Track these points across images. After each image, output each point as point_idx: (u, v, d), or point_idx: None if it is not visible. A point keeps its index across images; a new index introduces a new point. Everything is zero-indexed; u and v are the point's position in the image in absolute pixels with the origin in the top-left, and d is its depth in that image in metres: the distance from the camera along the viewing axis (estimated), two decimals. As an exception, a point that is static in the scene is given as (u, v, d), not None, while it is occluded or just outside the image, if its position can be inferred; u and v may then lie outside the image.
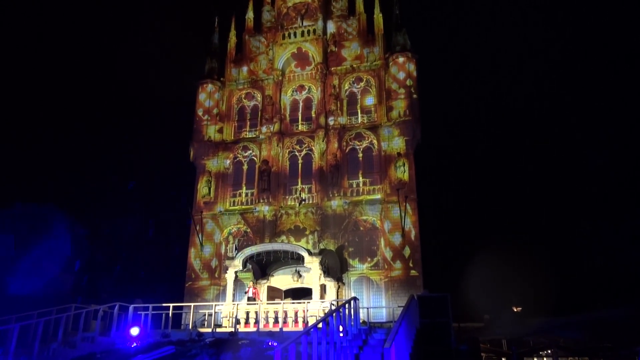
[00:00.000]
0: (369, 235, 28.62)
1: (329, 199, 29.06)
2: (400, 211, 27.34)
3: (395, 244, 27.52)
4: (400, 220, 27.36)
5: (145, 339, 18.19)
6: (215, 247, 30.16)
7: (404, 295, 24.95)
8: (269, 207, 29.68)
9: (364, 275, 27.64)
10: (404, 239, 27.44)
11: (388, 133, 29.90)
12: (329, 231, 28.43)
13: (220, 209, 30.69)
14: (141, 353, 15.51)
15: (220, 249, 30.17)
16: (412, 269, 26.86)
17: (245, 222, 30.18)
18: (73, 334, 18.45)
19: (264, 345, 15.92)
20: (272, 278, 27.61)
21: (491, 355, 45.17)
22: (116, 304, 20.00)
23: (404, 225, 27.35)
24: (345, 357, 12.22)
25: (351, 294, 26.30)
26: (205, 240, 30.17)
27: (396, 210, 27.76)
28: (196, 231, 30.13)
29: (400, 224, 27.41)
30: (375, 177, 29.62)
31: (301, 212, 29.28)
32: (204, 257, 29.93)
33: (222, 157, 32.13)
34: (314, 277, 24.44)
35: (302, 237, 28.59)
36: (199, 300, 27.49)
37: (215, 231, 30.45)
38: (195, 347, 16.19)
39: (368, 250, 28.30)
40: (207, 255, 29.98)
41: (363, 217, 28.76)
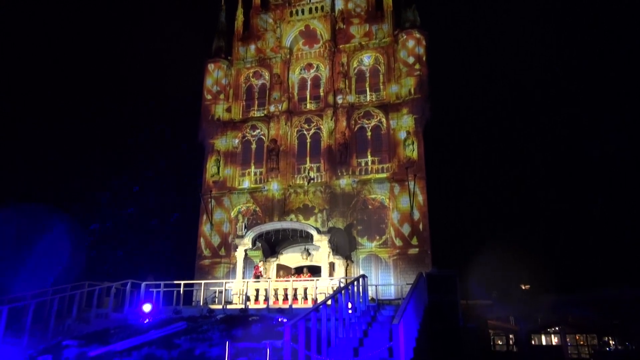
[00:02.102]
0: (378, 214, 28.64)
1: (338, 177, 29.02)
2: (409, 189, 27.27)
3: (403, 222, 27.51)
4: (409, 198, 27.31)
5: (157, 315, 18.49)
6: (225, 225, 30.37)
7: (412, 273, 25.04)
8: (278, 186, 29.74)
9: (373, 253, 27.77)
10: (413, 217, 27.43)
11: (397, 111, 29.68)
12: (337, 210, 28.48)
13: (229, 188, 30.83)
14: (154, 328, 15.78)
15: (230, 228, 30.37)
16: (420, 246, 26.90)
17: (255, 201, 30.30)
18: (87, 311, 18.81)
19: (273, 321, 16.12)
20: (281, 256, 27.82)
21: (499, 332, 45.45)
22: (128, 281, 20.29)
23: (412, 204, 27.30)
24: (354, 333, 12.34)
25: (360, 271, 26.45)
26: (214, 219, 30.37)
27: (405, 188, 27.67)
28: (206, 210, 30.33)
29: (409, 202, 27.36)
30: (384, 155, 29.49)
31: (310, 191, 29.31)
32: (214, 236, 30.18)
33: (231, 137, 32.11)
34: (323, 255, 24.58)
35: (311, 215, 28.67)
36: (210, 278, 27.81)
37: (225, 210, 30.63)
38: (206, 323, 16.42)
39: (377, 228, 28.35)
40: (217, 233, 30.21)
41: (372, 196, 28.74)
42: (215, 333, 15.01)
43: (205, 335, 15.07)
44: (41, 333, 16.11)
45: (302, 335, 9.82)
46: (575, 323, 44.76)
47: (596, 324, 43.24)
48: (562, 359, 42.04)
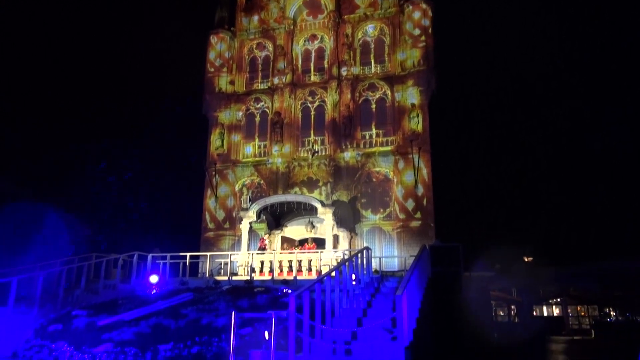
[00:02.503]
0: (382, 187, 28.67)
1: (342, 150, 28.95)
2: (413, 162, 27.21)
3: (407, 195, 27.54)
4: (414, 171, 27.27)
5: (164, 286, 18.78)
6: (230, 198, 30.53)
7: (416, 245, 25.22)
8: (282, 159, 29.72)
9: (377, 226, 27.92)
10: (417, 190, 27.44)
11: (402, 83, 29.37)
12: (341, 183, 28.51)
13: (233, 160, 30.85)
14: (161, 299, 16.04)
15: (234, 201, 30.54)
16: (424, 219, 26.99)
17: (259, 173, 30.36)
18: (95, 282, 19.13)
19: (278, 292, 16.35)
20: (285, 229, 28.03)
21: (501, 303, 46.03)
22: (135, 253, 20.55)
23: (417, 177, 27.28)
24: (357, 304, 12.52)
25: (364, 244, 26.65)
26: (219, 191, 30.50)
27: (409, 161, 27.61)
28: (210, 183, 30.43)
29: (414, 176, 27.34)
30: (389, 128, 29.32)
31: (314, 164, 29.30)
32: (219, 209, 30.36)
33: (234, 109, 31.95)
34: (327, 227, 24.75)
35: (315, 188, 28.74)
36: (215, 250, 28.10)
37: (230, 183, 30.73)
38: (212, 294, 16.68)
39: (381, 201, 28.43)
40: (222, 206, 30.39)
41: (376, 169, 28.72)
42: (221, 304, 15.26)
43: (211, 305, 15.33)
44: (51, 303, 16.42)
45: (307, 306, 9.97)
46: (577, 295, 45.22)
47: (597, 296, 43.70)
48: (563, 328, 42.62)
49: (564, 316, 45.88)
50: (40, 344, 12.83)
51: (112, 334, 13.02)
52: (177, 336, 12.55)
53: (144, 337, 12.79)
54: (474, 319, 14.78)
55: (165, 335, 12.73)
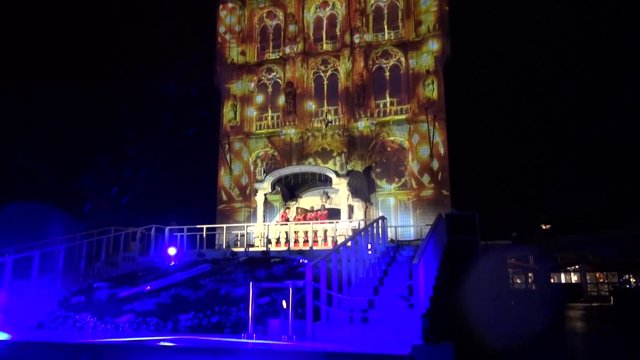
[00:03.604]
0: (397, 156, 28.54)
1: (356, 120, 28.75)
2: (428, 131, 26.97)
3: (423, 164, 27.42)
4: (429, 140, 27.06)
5: (182, 258, 19.13)
6: (244, 170, 30.70)
7: (432, 214, 25.22)
8: (295, 129, 29.65)
9: (392, 196, 27.93)
10: (432, 159, 27.29)
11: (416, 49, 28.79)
12: (356, 152, 28.43)
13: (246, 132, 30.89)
14: (179, 271, 16.36)
15: (249, 172, 30.70)
16: (440, 188, 26.93)
17: (272, 145, 30.38)
18: (114, 255, 19.56)
19: (295, 262, 16.55)
20: (300, 200, 28.19)
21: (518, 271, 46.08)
22: (152, 226, 20.87)
23: (432, 145, 27.08)
24: (374, 273, 12.64)
25: (379, 214, 26.72)
26: (233, 164, 30.66)
27: (424, 129, 27.38)
28: (224, 156, 30.58)
29: (429, 144, 27.14)
30: (403, 96, 28.96)
31: (328, 134, 29.20)
32: (234, 181, 30.60)
33: (246, 80, 31.78)
34: (342, 198, 24.81)
35: (329, 159, 28.72)
36: (231, 222, 28.45)
37: (243, 155, 30.84)
38: (230, 265, 16.96)
39: (396, 170, 28.35)
40: (237, 178, 30.61)
41: (390, 138, 28.54)
42: (238, 274, 15.53)
43: (229, 276, 15.61)
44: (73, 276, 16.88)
45: (324, 275, 10.10)
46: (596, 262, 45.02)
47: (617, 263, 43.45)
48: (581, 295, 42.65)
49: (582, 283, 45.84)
50: (65, 315, 13.23)
51: (134, 305, 13.37)
52: (197, 306, 12.84)
53: (164, 307, 13.12)
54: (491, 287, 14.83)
55: (185, 306, 13.04)
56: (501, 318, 12.97)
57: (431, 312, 9.04)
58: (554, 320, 19.24)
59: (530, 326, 17.14)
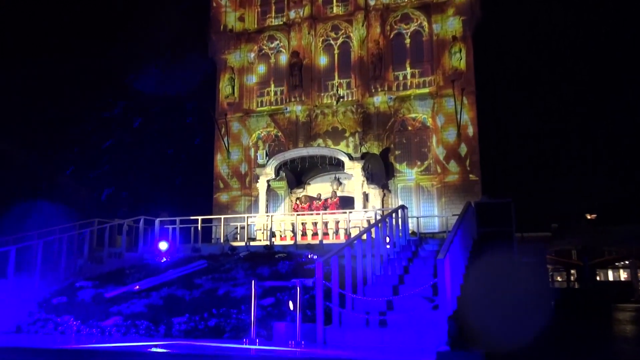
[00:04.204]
0: (419, 136, 28.44)
1: (372, 94, 28.64)
2: (455, 106, 26.78)
3: (449, 145, 27.31)
4: (456, 117, 26.90)
5: (174, 254, 19.29)
6: (244, 153, 30.79)
7: (459, 202, 25.17)
8: (302, 106, 29.61)
9: (413, 182, 27.91)
10: (460, 139, 27.18)
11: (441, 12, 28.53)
12: (372, 132, 28.37)
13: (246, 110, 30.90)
14: (172, 268, 16.52)
15: (249, 156, 30.80)
16: (469, 172, 26.84)
17: (276, 124, 30.38)
18: (99, 250, 19.76)
19: (303, 258, 16.64)
20: (308, 187, 28.27)
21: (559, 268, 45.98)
22: (141, 217, 21.04)
23: (459, 123, 26.93)
24: (392, 270, 12.67)
25: (398, 202, 26.73)
26: (232, 146, 30.75)
27: (451, 105, 27.20)
28: (221, 137, 30.65)
29: (456, 122, 26.99)
30: (426, 66, 28.79)
31: (339, 111, 29.13)
32: (232, 166, 30.71)
33: (245, 50, 31.71)
34: (356, 184, 24.83)
35: (341, 139, 28.70)
36: (230, 213, 28.62)
37: (243, 136, 30.90)
38: (229, 262, 17.09)
39: (417, 152, 28.27)
40: (235, 163, 30.73)
41: (411, 115, 28.40)
42: (239, 272, 15.64)
43: (228, 274, 15.72)
44: (52, 274, 17.08)
45: (336, 272, 10.15)
46: (649, 256, 44.68)
47: (673, 257, 43.11)
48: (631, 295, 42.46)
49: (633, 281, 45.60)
50: (45, 317, 13.44)
51: (121, 307, 13.54)
52: (192, 308, 12.98)
53: (155, 309, 13.28)
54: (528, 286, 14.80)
55: (179, 307, 13.19)
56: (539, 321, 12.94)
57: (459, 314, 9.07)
58: (600, 323, 19.20)
59: (573, 330, 17.13)
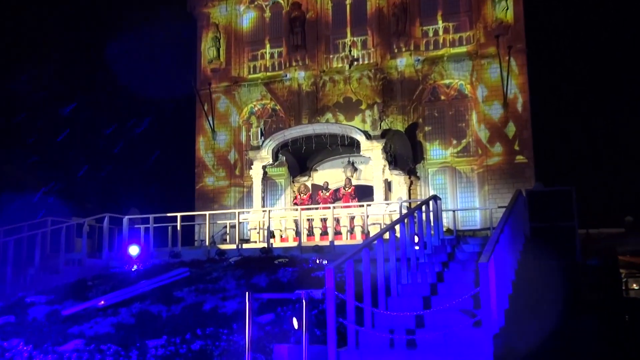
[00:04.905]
0: (455, 108, 28.33)
1: (394, 56, 28.53)
2: (501, 70, 26.61)
3: (493, 118, 27.17)
4: (502, 83, 26.72)
5: (148, 260, 19.41)
6: (233, 133, 30.80)
7: (506, 191, 25.09)
8: (306, 72, 29.54)
9: (448, 165, 27.84)
10: (507, 111, 27.02)
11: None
12: (394, 104, 28.29)
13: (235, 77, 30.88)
14: (145, 278, 16.62)
15: (239, 136, 30.84)
16: (518, 153, 26.71)
17: (273, 95, 30.34)
18: (54, 256, 19.92)
19: (309, 263, 16.69)
20: (315, 174, 28.26)
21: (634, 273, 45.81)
22: (105, 215, 21.16)
23: (506, 91, 26.75)
24: (423, 278, 12.67)
25: (429, 191, 26.69)
26: (218, 124, 30.76)
27: (495, 68, 27.04)
28: (204, 112, 30.63)
29: (502, 89, 26.81)
30: (463, 19, 28.61)
31: (353, 78, 29.04)
32: (218, 149, 30.73)
33: (233, 2, 31.60)
34: (376, 170, 24.77)
35: (355, 113, 28.65)
36: (216, 208, 28.69)
37: (232, 111, 30.90)
38: (216, 269, 17.17)
39: (453, 129, 28.18)
40: (223, 145, 30.74)
41: (445, 81, 28.29)
42: (229, 282, 15.72)
43: (215, 285, 15.80)
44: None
45: (351, 281, 10.14)
46: None
47: None
48: None
49: None
50: (-12, 342, 13.58)
51: (83, 327, 13.65)
52: (172, 327, 13.06)
53: (125, 329, 13.37)
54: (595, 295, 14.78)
55: (154, 327, 13.27)
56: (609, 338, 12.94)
57: (507, 332, 9.06)
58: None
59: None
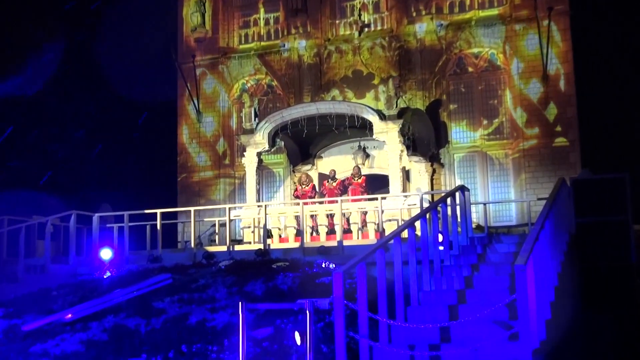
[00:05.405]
0: (485, 81, 28.28)
1: (412, 20, 28.48)
2: (539, 36, 26.50)
3: (530, 95, 27.08)
4: (541, 51, 26.61)
5: (123, 265, 19.43)
6: (222, 114, 30.78)
7: (547, 180, 25.07)
8: (308, 41, 29.51)
9: (477, 150, 27.79)
10: (547, 85, 26.92)
11: None
12: (413, 78, 28.24)
13: (224, 49, 30.85)
14: (120, 287, 16.64)
15: (229, 118, 30.82)
16: (561, 135, 26.63)
17: (269, 69, 30.31)
18: (12, 262, 19.96)
19: (313, 268, 16.69)
20: (320, 161, 28.25)
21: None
22: (72, 213, 21.14)
23: (546, 61, 26.64)
24: (448, 283, 12.67)
25: (455, 181, 26.67)
26: (204, 104, 30.74)
27: (532, 34, 26.95)
28: (187, 90, 30.58)
29: (541, 59, 26.70)
30: (494, -24, 28.50)
31: (364, 47, 29.00)
32: (205, 134, 30.70)
33: (220, -42, 31.55)
34: (392, 156, 24.72)
35: (367, 89, 28.63)
36: (203, 203, 28.73)
37: (220, 88, 30.88)
38: (204, 275, 17.19)
39: (483, 106, 28.12)
40: (209, 129, 30.72)
41: (473, 50, 28.24)
42: (219, 290, 15.73)
43: (203, 294, 15.81)
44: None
45: (363, 289, 10.14)
46: None
47: None
48: None
49: None
50: (-64, 363, 13.65)
51: (47, 345, 13.69)
52: (152, 345, 13.09)
53: (97, 347, 13.41)
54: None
55: (132, 344, 13.31)
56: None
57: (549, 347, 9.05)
58: None
59: None
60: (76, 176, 41.73)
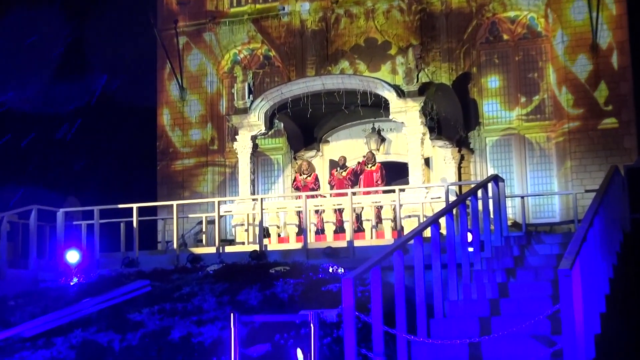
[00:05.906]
0: (523, 52, 28.28)
1: (435, -21, 28.43)
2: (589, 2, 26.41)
3: (576, 71, 27.04)
4: (590, 16, 26.54)
5: (92, 270, 19.48)
6: (209, 91, 30.79)
7: (596, 168, 25.08)
8: (312, 3, 29.49)
9: (514, 132, 27.80)
10: (597, 56, 26.89)
11: None
12: (437, 47, 28.25)
13: (212, 13, 30.86)
14: (90, 295, 16.68)
15: (218, 97, 30.83)
16: (613, 115, 26.59)
17: (265, 37, 30.33)
18: (-39, 266, 20.02)
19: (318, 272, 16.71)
20: (326, 147, 28.28)
21: None
22: (32, 207, 21.19)
23: (596, 27, 26.59)
24: (479, 291, 12.68)
25: (488, 170, 26.70)
26: (188, 79, 30.76)
27: (579, 1, 26.91)
28: (168, 62, 30.59)
29: (590, 26, 26.64)
30: None
31: (378, 11, 28.99)
32: (188, 116, 30.72)
33: None
34: (412, 140, 24.67)
35: (382, 61, 28.66)
36: (187, 196, 28.78)
37: (207, 60, 30.88)
38: (189, 282, 17.21)
39: (520, 82, 28.11)
40: (195, 110, 30.73)
41: (508, 14, 28.23)
42: (206, 299, 15.76)
43: (187, 303, 15.85)
44: None
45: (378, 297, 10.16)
46: None
47: None
48: None
49: None
50: None
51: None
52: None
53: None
54: None
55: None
56: None
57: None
58: None
59: None
60: (38, 164, 41.82)
